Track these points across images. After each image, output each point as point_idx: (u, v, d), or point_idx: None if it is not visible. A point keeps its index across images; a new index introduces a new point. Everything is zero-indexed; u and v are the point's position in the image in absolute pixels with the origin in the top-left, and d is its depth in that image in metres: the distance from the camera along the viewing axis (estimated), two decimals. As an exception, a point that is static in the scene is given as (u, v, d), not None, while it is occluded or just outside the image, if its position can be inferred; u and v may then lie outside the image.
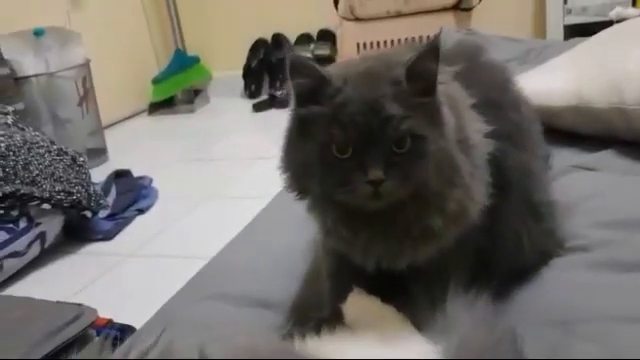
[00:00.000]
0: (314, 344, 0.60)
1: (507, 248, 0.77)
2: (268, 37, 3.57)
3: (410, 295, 0.72)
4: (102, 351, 0.58)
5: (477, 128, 0.70)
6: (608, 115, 1.12)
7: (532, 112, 0.89)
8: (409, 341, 0.63)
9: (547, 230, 0.84)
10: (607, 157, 1.11)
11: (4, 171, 1.72)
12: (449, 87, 0.71)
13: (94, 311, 0.97)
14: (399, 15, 2.80)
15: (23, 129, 1.96)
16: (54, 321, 0.90)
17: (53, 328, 0.88)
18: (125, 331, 0.96)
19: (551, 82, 1.21)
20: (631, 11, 1.65)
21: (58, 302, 1.03)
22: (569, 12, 2.86)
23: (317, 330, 0.67)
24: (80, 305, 0.98)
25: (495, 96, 0.78)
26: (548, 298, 0.76)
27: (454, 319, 0.62)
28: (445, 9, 2.75)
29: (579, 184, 1.03)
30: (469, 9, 2.84)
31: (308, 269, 0.89)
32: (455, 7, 2.78)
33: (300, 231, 0.93)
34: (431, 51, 0.63)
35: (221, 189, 2.31)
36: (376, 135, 0.61)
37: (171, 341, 0.56)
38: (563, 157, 1.12)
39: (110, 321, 0.97)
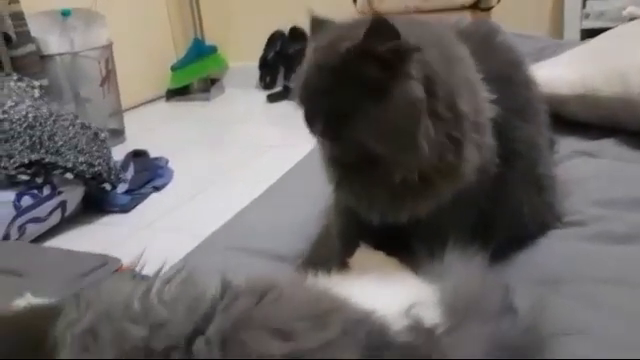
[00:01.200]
0: (324, 281, 0.66)
1: (508, 214, 0.83)
2: (285, 29, 3.63)
3: (412, 250, 0.78)
4: (133, 277, 0.64)
5: (482, 97, 0.76)
6: (613, 104, 1.17)
7: (540, 93, 0.94)
8: (407, 280, 0.68)
9: (547, 202, 0.89)
10: (608, 145, 1.17)
11: (30, 140, 1.80)
12: (435, 64, 0.73)
13: (118, 260, 1.04)
14: (417, 12, 2.85)
15: (48, 103, 2.04)
16: (82, 266, 0.97)
17: (82, 271, 0.94)
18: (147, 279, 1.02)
19: (560, 71, 1.26)
20: (644, 10, 1.69)
21: (84, 252, 1.10)
22: (587, 16, 2.89)
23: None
24: (105, 255, 1.05)
25: (508, 73, 0.85)
26: (541, 262, 0.82)
27: (450, 267, 0.67)
28: (464, 7, 2.80)
29: (580, 168, 1.09)
30: (488, 9, 2.89)
31: (320, 231, 0.95)
32: (474, 6, 2.82)
33: (313, 201, 1.00)
34: (376, 30, 0.67)
35: (233, 174, 2.38)
36: (314, 104, 0.72)
37: (194, 268, 0.62)
38: (567, 143, 1.17)
39: (133, 270, 1.03)
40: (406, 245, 0.79)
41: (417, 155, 0.70)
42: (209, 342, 0.52)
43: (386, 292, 0.66)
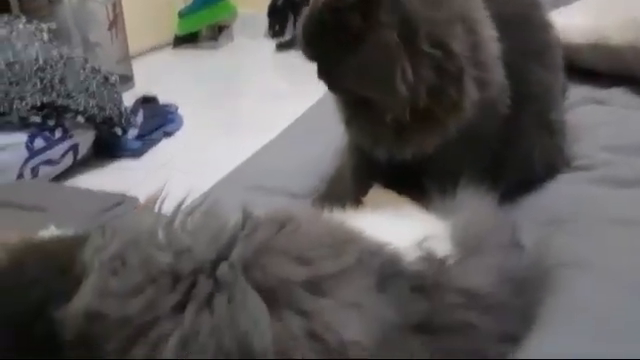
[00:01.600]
0: (339, 215, 0.69)
1: (519, 156, 0.85)
2: (296, -24, 3.56)
3: (423, 189, 0.80)
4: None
5: (485, 35, 0.77)
6: (625, 52, 1.17)
7: (558, 37, 0.94)
8: (419, 216, 0.71)
9: (557, 146, 0.91)
10: (617, 93, 1.18)
11: (41, 83, 1.81)
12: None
13: (136, 199, 1.06)
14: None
15: (58, 46, 2.03)
16: (102, 203, 1.00)
17: (101, 208, 0.97)
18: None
19: (573, 20, 1.26)
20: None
21: (102, 191, 1.13)
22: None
23: (341, 214, 0.76)
24: (123, 194, 1.08)
25: (525, 14, 0.85)
26: (548, 204, 0.85)
27: (461, 204, 0.70)
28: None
29: (589, 115, 1.10)
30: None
31: (334, 171, 0.98)
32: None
33: (325, 144, 1.02)
34: None
35: (242, 122, 2.39)
36: (311, 55, 0.79)
37: (216, 200, 0.65)
38: (577, 91, 1.18)
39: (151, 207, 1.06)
40: (417, 184, 0.82)
41: (397, 97, 0.73)
42: (232, 266, 0.55)
43: (399, 226, 0.68)
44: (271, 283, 0.54)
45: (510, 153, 0.83)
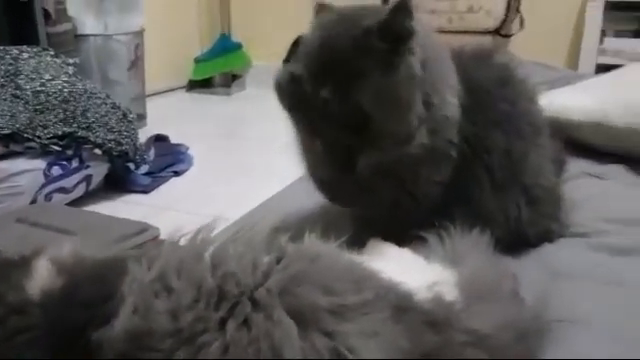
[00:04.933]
0: (355, 256, 0.74)
1: (499, 218, 0.90)
2: (310, 35, 3.71)
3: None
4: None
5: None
6: (625, 134, 1.26)
7: (537, 111, 1.01)
8: (428, 267, 0.76)
9: (551, 215, 0.97)
10: (617, 169, 1.25)
11: (64, 113, 1.89)
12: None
13: (157, 229, 1.11)
14: (441, 31, 2.93)
15: (82, 80, 2.12)
16: (124, 229, 1.04)
17: (124, 234, 1.01)
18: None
19: (578, 99, 1.35)
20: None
21: (125, 218, 1.17)
22: (603, 52, 2.99)
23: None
24: (145, 223, 1.12)
25: (492, 88, 0.93)
26: (545, 263, 0.90)
27: (464, 253, 0.75)
28: (486, 32, 2.89)
29: (587, 188, 1.17)
30: (508, 36, 2.98)
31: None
32: (496, 32, 2.92)
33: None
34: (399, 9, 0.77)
35: (249, 166, 2.46)
36: (325, 68, 0.85)
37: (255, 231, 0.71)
38: (578, 165, 1.26)
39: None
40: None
41: (409, 127, 0.80)
42: (270, 291, 0.60)
43: (410, 271, 0.74)
44: (301, 307, 0.59)
45: (486, 212, 0.88)
